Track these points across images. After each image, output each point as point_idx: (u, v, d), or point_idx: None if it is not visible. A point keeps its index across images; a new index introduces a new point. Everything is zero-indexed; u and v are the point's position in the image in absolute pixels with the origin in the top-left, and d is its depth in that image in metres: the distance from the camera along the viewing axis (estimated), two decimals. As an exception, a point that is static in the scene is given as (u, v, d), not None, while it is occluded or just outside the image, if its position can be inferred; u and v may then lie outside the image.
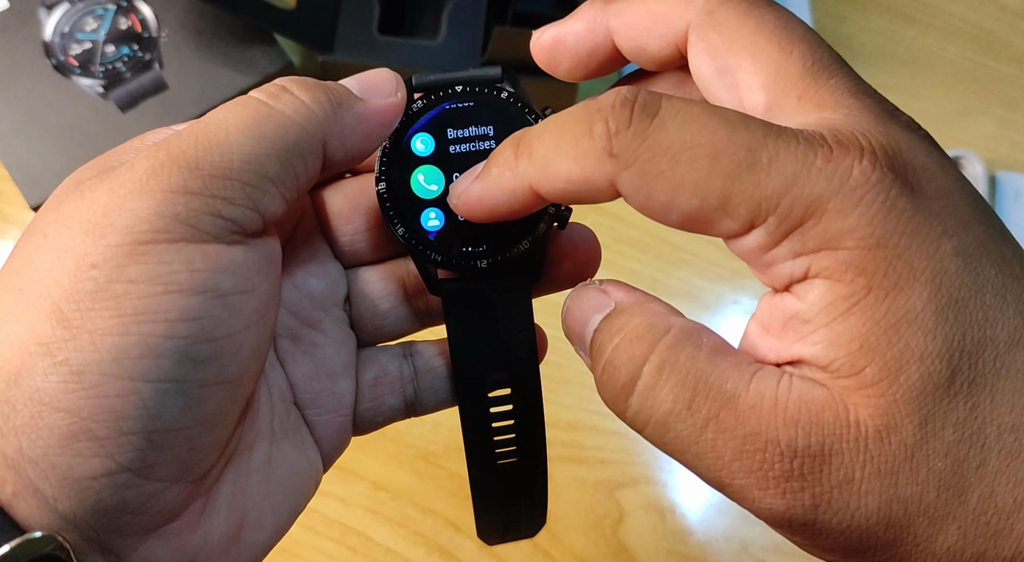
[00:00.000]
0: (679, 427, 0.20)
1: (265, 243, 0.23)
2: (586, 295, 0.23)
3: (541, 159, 0.21)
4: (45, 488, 0.19)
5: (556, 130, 0.21)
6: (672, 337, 0.20)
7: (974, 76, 0.64)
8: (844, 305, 0.19)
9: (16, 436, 0.19)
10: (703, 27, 0.22)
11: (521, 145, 0.22)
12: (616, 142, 0.19)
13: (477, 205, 0.22)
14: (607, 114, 0.20)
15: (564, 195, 0.21)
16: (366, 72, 0.25)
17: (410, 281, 0.27)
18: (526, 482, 0.27)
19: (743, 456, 0.19)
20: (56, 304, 0.20)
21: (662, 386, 0.20)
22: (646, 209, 0.20)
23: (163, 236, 0.20)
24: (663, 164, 0.19)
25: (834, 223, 0.19)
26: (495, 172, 0.22)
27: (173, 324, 0.20)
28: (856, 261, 0.18)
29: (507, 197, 0.22)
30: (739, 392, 0.19)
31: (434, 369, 0.27)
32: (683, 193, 0.19)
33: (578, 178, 0.20)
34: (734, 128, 0.19)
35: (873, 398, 0.18)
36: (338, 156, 0.24)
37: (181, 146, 0.21)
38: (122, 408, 0.20)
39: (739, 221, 0.19)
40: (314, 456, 0.26)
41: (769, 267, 0.20)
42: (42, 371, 0.19)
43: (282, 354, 0.26)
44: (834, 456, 0.18)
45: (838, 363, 0.19)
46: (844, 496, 0.19)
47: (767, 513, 0.19)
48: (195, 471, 0.21)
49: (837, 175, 0.19)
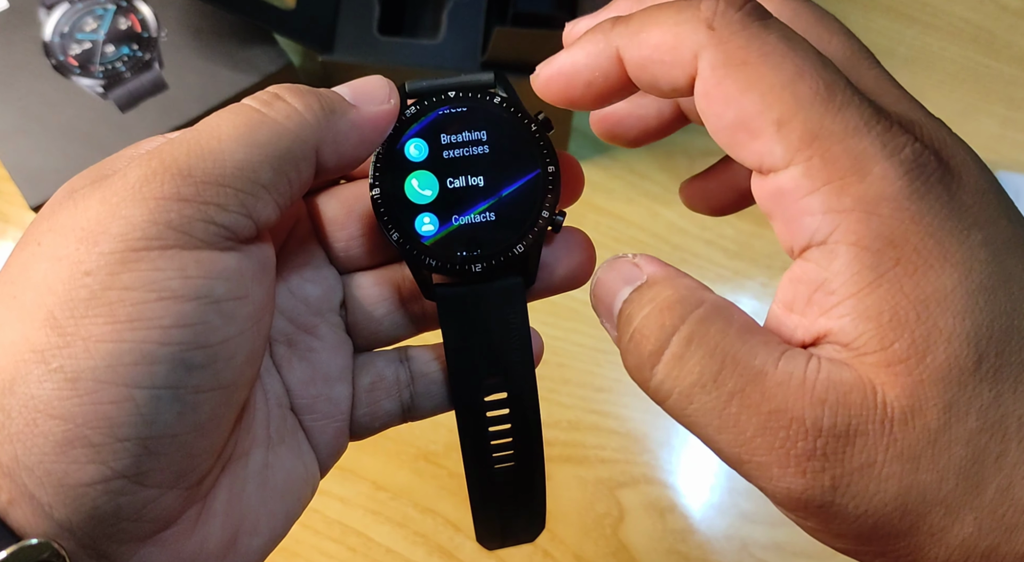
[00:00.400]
0: (703, 399, 0.20)
1: (259, 249, 0.23)
2: (618, 266, 0.23)
3: (638, 23, 0.21)
4: (41, 495, 0.19)
5: (663, 3, 0.21)
6: (704, 311, 0.20)
7: (975, 76, 0.64)
8: (871, 275, 0.19)
9: (11, 443, 0.19)
10: None
11: (622, 16, 0.22)
12: (720, 18, 0.20)
13: (558, 73, 0.23)
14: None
15: (645, 65, 0.21)
16: (359, 79, 0.25)
17: (405, 286, 0.28)
18: (524, 486, 0.27)
19: (766, 432, 0.19)
20: (50, 311, 0.20)
21: (690, 356, 0.20)
22: (708, 96, 0.20)
23: (156, 243, 0.20)
24: (752, 55, 0.19)
25: (875, 186, 0.19)
26: (588, 37, 0.22)
27: (167, 330, 0.20)
28: (888, 230, 0.19)
29: (589, 61, 0.22)
30: (767, 369, 0.19)
31: (430, 374, 0.27)
32: (753, 92, 0.19)
33: (667, 44, 0.20)
34: (825, 64, 0.20)
35: (900, 377, 0.18)
36: (331, 163, 0.24)
37: (174, 153, 0.21)
38: (117, 415, 0.20)
39: (786, 146, 0.19)
40: (311, 462, 0.26)
41: (794, 219, 0.20)
42: (37, 378, 0.19)
43: (278, 360, 0.26)
44: (859, 437, 0.18)
45: (865, 337, 0.19)
46: (864, 479, 0.18)
47: (784, 493, 0.19)
48: (190, 477, 0.22)
49: (892, 144, 0.19)
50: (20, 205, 0.56)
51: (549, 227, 0.26)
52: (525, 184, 0.26)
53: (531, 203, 0.25)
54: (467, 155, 0.25)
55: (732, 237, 0.58)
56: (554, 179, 0.26)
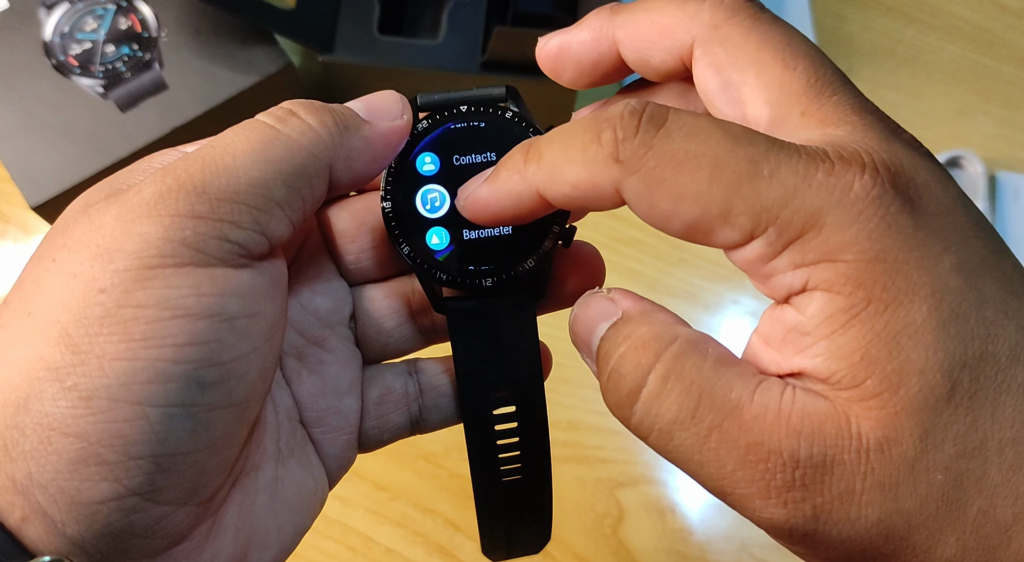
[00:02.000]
0: (683, 436, 0.20)
1: (271, 266, 0.23)
2: (593, 303, 0.23)
3: (549, 164, 0.21)
4: (54, 512, 0.20)
5: (565, 137, 0.21)
6: (678, 347, 0.20)
7: (974, 75, 0.64)
8: (844, 317, 0.19)
9: (25, 461, 0.19)
10: (708, 42, 0.22)
11: (531, 151, 0.22)
12: (623, 149, 0.20)
13: (483, 208, 0.23)
14: (615, 123, 0.20)
15: (570, 201, 0.21)
16: (372, 94, 0.25)
17: (415, 299, 0.28)
18: (531, 499, 0.27)
19: (745, 465, 0.19)
20: (65, 329, 0.20)
21: (667, 394, 0.20)
22: (649, 217, 0.20)
23: (171, 261, 0.20)
24: (667, 172, 0.19)
25: (833, 236, 0.19)
26: (504, 176, 0.22)
27: (181, 348, 0.20)
28: (855, 274, 0.19)
29: (514, 201, 0.22)
30: (743, 402, 0.19)
31: (439, 387, 0.27)
32: (685, 201, 0.19)
33: (585, 183, 0.20)
34: (737, 141, 0.19)
35: (874, 410, 0.18)
36: (344, 179, 0.24)
37: (188, 170, 0.21)
38: (130, 433, 0.20)
39: (739, 231, 0.19)
40: (320, 475, 0.26)
41: (769, 278, 0.20)
42: (51, 396, 0.20)
43: (288, 373, 0.26)
44: (836, 467, 0.19)
45: (839, 375, 0.19)
46: (845, 507, 0.19)
47: (768, 523, 0.19)
48: (202, 494, 0.22)
49: (838, 189, 0.19)
50: (20, 205, 0.56)
51: (560, 242, 0.26)
52: None
53: (542, 219, 0.25)
54: (478, 169, 0.25)
55: (732, 237, 0.58)
56: None
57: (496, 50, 0.51)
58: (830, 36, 0.65)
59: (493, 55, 0.51)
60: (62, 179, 0.49)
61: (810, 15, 0.64)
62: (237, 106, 0.52)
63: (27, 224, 0.58)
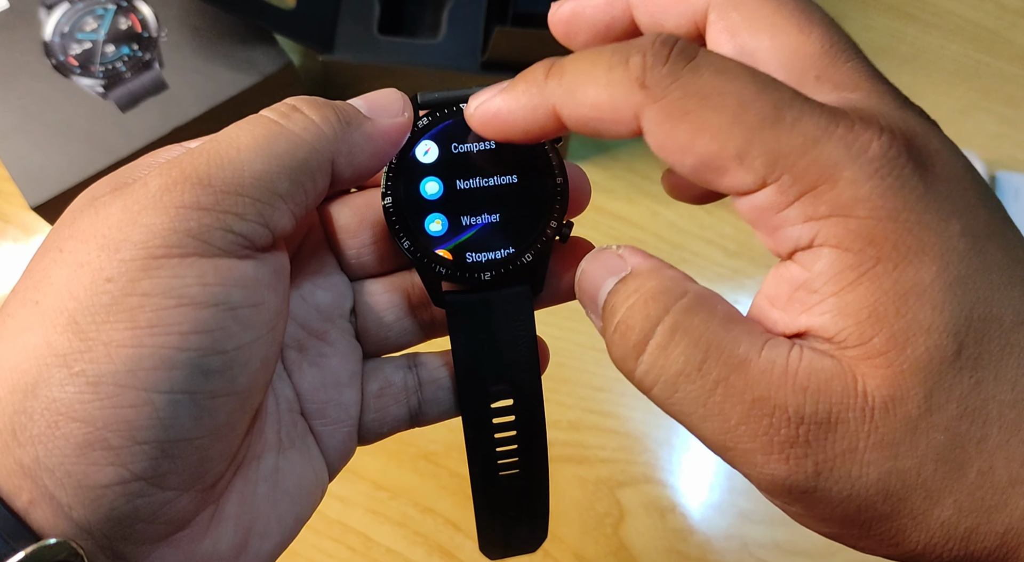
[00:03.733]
0: (688, 388, 0.20)
1: (274, 257, 0.23)
2: (603, 258, 0.23)
3: (571, 81, 0.21)
4: (60, 496, 0.20)
5: (592, 57, 0.21)
6: (688, 301, 0.21)
7: (975, 74, 0.64)
8: (852, 274, 0.19)
9: (33, 445, 0.20)
10: (723, 6, 0.22)
11: (554, 67, 0.22)
12: (650, 75, 0.20)
13: (493, 116, 0.23)
14: (646, 49, 0.20)
15: (585, 122, 0.21)
16: (374, 92, 0.25)
17: (415, 293, 0.28)
18: (528, 496, 0.27)
19: (750, 420, 0.19)
20: (72, 317, 0.20)
21: (675, 346, 0.20)
22: (664, 148, 0.20)
23: (176, 251, 0.21)
24: (691, 104, 0.19)
25: (848, 191, 0.19)
26: (521, 88, 0.22)
27: (185, 336, 0.20)
28: (866, 231, 0.19)
29: (527, 114, 0.22)
30: (750, 357, 0.19)
31: (438, 380, 0.28)
32: (704, 136, 0.19)
33: (604, 104, 0.20)
34: (764, 85, 0.20)
35: (880, 369, 0.19)
36: (346, 173, 0.24)
37: (194, 163, 0.22)
38: (136, 418, 0.20)
39: (753, 174, 0.19)
40: (320, 466, 0.26)
41: (777, 230, 0.20)
42: (58, 382, 0.20)
43: (289, 365, 0.26)
44: (840, 424, 0.19)
45: (846, 332, 0.19)
46: (846, 465, 0.19)
47: (768, 479, 0.19)
48: (205, 480, 0.22)
49: (856, 145, 0.19)
50: (20, 205, 0.56)
51: (557, 237, 0.26)
52: (534, 194, 0.26)
53: (540, 213, 0.26)
54: (477, 166, 0.26)
55: (731, 236, 0.58)
56: (562, 190, 0.26)
57: (496, 50, 0.51)
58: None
59: (493, 55, 0.51)
60: (62, 179, 0.49)
61: (810, 14, 0.64)
62: (237, 106, 0.52)
63: (27, 224, 0.58)
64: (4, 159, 0.49)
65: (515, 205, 0.26)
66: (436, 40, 0.53)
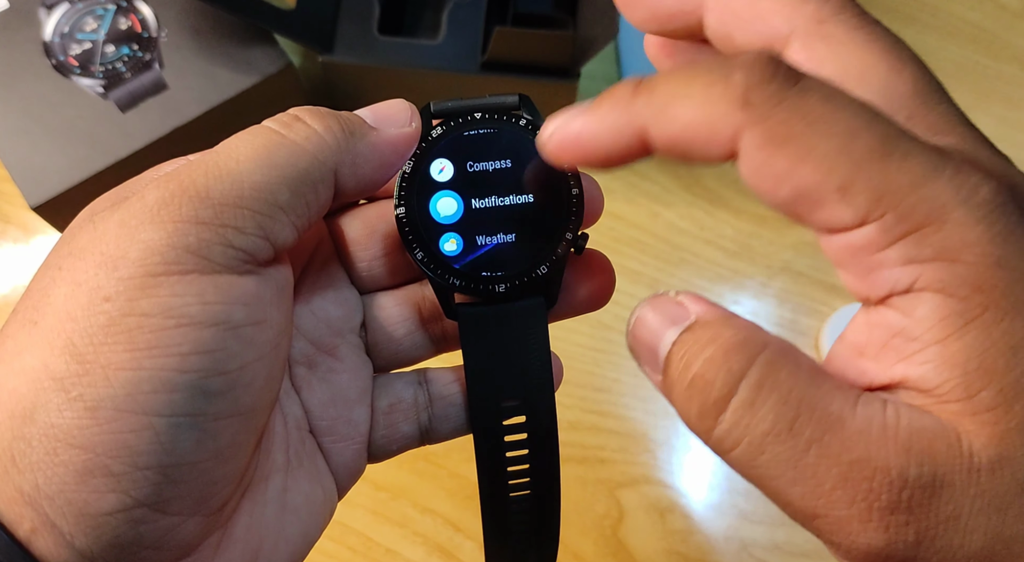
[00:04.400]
0: (777, 449, 0.18)
1: (277, 272, 0.23)
2: (661, 305, 0.21)
3: (663, 98, 0.19)
4: (62, 524, 0.20)
5: (687, 73, 0.19)
6: (771, 353, 0.19)
7: (974, 75, 0.64)
8: (959, 322, 0.17)
9: (32, 472, 0.19)
10: (809, 35, 0.20)
11: (643, 84, 0.20)
12: (756, 93, 0.18)
13: (574, 141, 0.20)
14: (750, 65, 0.18)
15: (676, 143, 0.19)
16: (382, 102, 0.25)
17: (426, 306, 0.27)
18: (539, 518, 0.27)
19: (847, 484, 0.18)
20: (70, 339, 0.20)
21: (762, 403, 0.18)
22: (759, 174, 0.18)
23: (175, 268, 0.20)
24: (797, 128, 0.18)
25: (956, 234, 0.17)
26: (606, 107, 0.20)
27: (186, 358, 0.20)
28: (974, 277, 0.17)
29: (612, 136, 0.20)
30: (845, 415, 0.18)
31: (448, 397, 0.27)
32: (807, 164, 0.18)
33: (700, 124, 0.18)
34: (873, 118, 0.18)
35: (988, 426, 0.17)
36: (351, 185, 0.24)
37: (192, 175, 0.21)
38: (136, 443, 0.20)
39: (855, 209, 0.18)
40: (329, 484, 0.26)
41: (871, 272, 0.18)
42: (56, 407, 0.19)
43: (298, 382, 0.26)
44: (945, 488, 0.17)
45: (950, 385, 0.18)
46: (950, 533, 0.17)
47: (863, 549, 0.18)
48: (211, 504, 0.21)
49: (966, 188, 0.18)
50: (20, 205, 0.56)
51: (572, 249, 0.26)
52: (550, 207, 0.26)
53: (555, 225, 0.26)
54: (492, 176, 0.26)
55: (732, 237, 0.58)
56: (578, 201, 0.26)
57: (496, 50, 0.51)
58: (830, 36, 0.65)
59: (493, 55, 0.51)
60: (62, 179, 0.49)
61: (810, 15, 0.64)
62: (237, 106, 0.52)
63: (27, 224, 0.58)
64: (4, 159, 0.49)
65: (530, 218, 0.26)
66: (436, 41, 0.53)
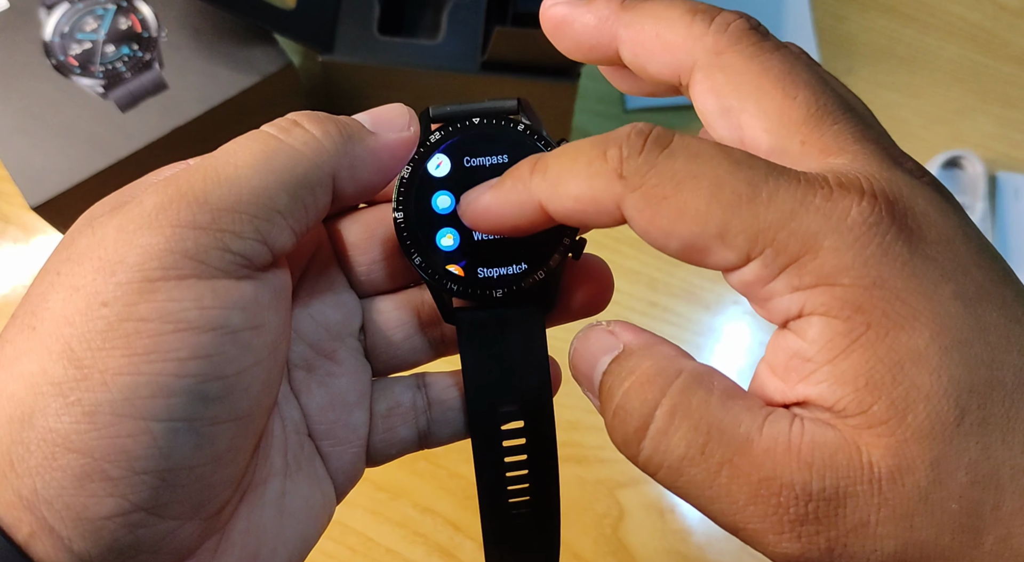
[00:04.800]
0: (692, 472, 0.19)
1: (275, 276, 0.23)
2: (593, 336, 0.22)
3: (554, 177, 0.21)
4: (60, 528, 0.20)
5: (572, 152, 0.21)
6: (683, 381, 0.20)
7: (973, 75, 0.64)
8: (844, 342, 0.19)
9: (31, 477, 0.20)
10: (710, 67, 0.22)
11: (538, 164, 0.22)
12: (627, 166, 0.20)
13: (484, 214, 0.23)
14: (621, 141, 0.20)
15: (570, 214, 0.21)
16: (380, 107, 0.25)
17: (424, 310, 0.28)
18: (539, 523, 0.27)
19: (757, 500, 0.19)
20: (68, 343, 0.20)
21: (675, 431, 0.20)
22: (648, 234, 0.20)
23: (173, 273, 0.20)
24: (668, 190, 0.19)
25: (830, 259, 0.19)
26: (508, 185, 0.22)
27: (183, 362, 0.20)
28: (853, 298, 0.19)
29: (516, 210, 0.22)
30: (752, 436, 0.19)
31: (447, 401, 0.27)
32: (684, 219, 0.19)
33: (587, 197, 0.20)
34: (738, 164, 0.20)
35: (883, 437, 0.18)
36: (349, 189, 0.24)
37: (190, 180, 0.21)
38: (134, 448, 0.20)
39: (736, 251, 0.19)
40: (327, 488, 0.26)
41: (767, 301, 0.20)
42: (55, 412, 0.20)
43: (296, 385, 0.26)
44: (849, 499, 0.18)
45: (844, 401, 0.19)
46: (860, 539, 0.18)
47: (783, 558, 0.19)
48: (209, 508, 0.22)
49: (835, 214, 0.19)
50: (20, 205, 0.56)
51: (569, 254, 0.26)
52: None
53: (553, 230, 0.25)
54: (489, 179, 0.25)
55: (731, 237, 0.58)
56: None
57: (496, 50, 0.51)
58: (830, 36, 0.65)
59: (493, 55, 0.51)
60: (62, 179, 0.49)
61: (810, 15, 0.64)
62: (237, 106, 0.52)
63: (27, 224, 0.58)
64: (4, 159, 0.49)
65: None
66: (436, 40, 0.53)
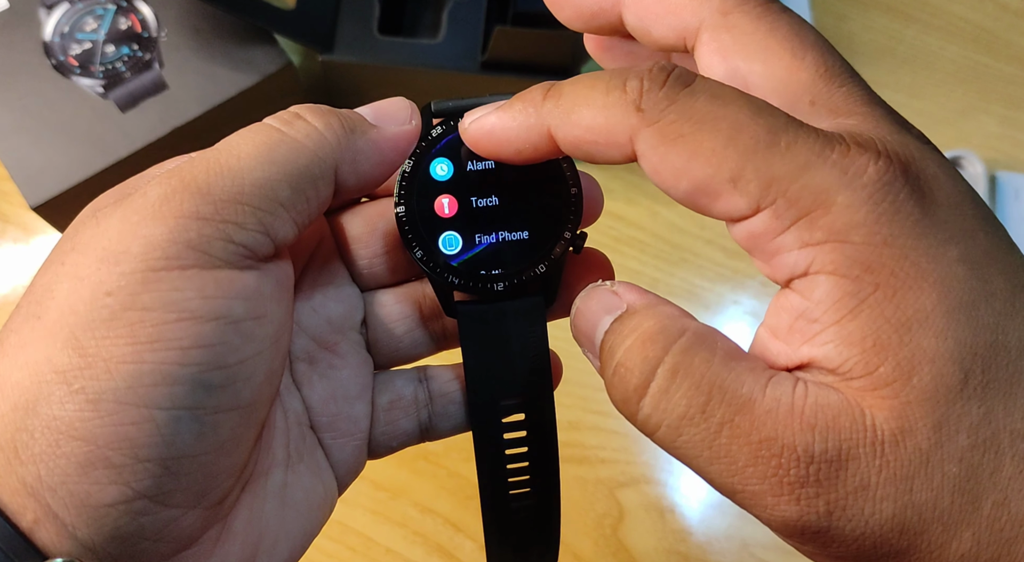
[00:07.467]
0: (692, 431, 0.19)
1: (277, 267, 0.23)
2: (597, 296, 0.22)
3: (568, 103, 0.21)
4: (64, 515, 0.20)
5: (589, 81, 0.21)
6: (686, 340, 0.20)
7: (974, 75, 0.64)
8: (852, 302, 0.18)
9: (35, 464, 0.20)
10: (716, 28, 0.22)
11: (552, 89, 0.22)
12: (647, 99, 0.20)
13: (487, 134, 0.22)
14: (643, 74, 0.20)
15: (579, 144, 0.21)
16: (382, 100, 0.25)
17: (426, 304, 0.28)
18: (540, 518, 0.27)
19: (757, 461, 0.19)
20: (72, 332, 0.20)
21: (676, 389, 0.20)
22: (658, 172, 0.20)
23: (176, 263, 0.21)
24: (686, 127, 0.19)
25: (842, 216, 0.19)
26: (518, 107, 0.22)
27: (187, 351, 0.20)
28: (863, 257, 0.18)
29: (521, 133, 0.22)
30: (755, 397, 0.19)
31: (448, 394, 0.27)
32: (698, 159, 0.19)
33: (599, 127, 0.20)
34: (759, 111, 0.19)
35: (888, 399, 0.18)
36: (351, 182, 0.24)
37: (193, 172, 0.21)
38: (137, 436, 0.20)
39: (748, 198, 0.19)
40: (329, 480, 0.26)
41: (772, 257, 0.20)
42: (59, 399, 0.20)
43: (299, 377, 0.26)
44: (851, 461, 0.18)
45: (851, 363, 0.19)
46: (859, 502, 0.18)
47: (779, 521, 0.19)
48: (211, 497, 0.22)
49: (851, 170, 0.19)
50: (20, 205, 0.56)
51: (570, 248, 0.26)
52: (548, 205, 0.26)
53: (554, 224, 0.26)
54: (491, 175, 0.26)
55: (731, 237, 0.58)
56: (576, 200, 0.26)
57: (496, 50, 0.51)
58: (830, 36, 0.65)
59: (493, 55, 0.51)
60: (62, 179, 0.49)
61: (810, 15, 0.64)
62: (237, 106, 0.52)
63: (27, 224, 0.58)
64: (4, 159, 0.49)
65: (529, 218, 0.26)
66: (436, 40, 0.53)
